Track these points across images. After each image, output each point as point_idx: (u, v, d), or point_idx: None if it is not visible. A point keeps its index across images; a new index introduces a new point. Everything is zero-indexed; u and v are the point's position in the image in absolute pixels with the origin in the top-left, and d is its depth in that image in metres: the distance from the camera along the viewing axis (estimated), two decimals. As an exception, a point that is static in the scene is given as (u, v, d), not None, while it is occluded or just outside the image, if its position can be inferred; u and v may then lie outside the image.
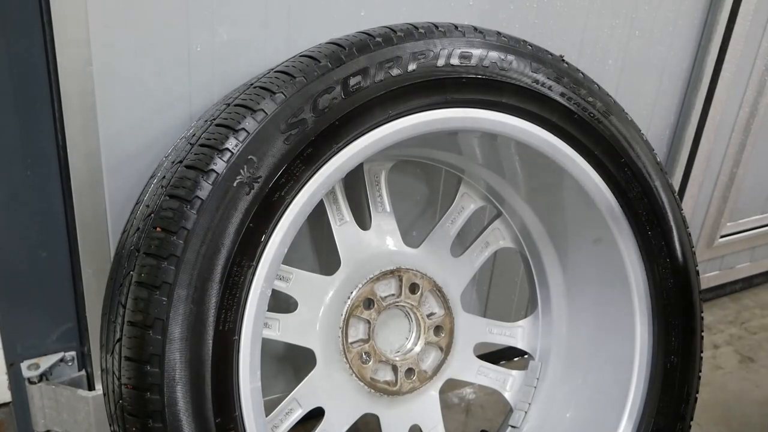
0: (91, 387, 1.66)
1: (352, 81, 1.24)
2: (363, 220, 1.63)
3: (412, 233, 1.87)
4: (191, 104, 1.48)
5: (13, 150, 1.44)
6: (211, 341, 1.12)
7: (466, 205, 1.75)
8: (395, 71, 1.27)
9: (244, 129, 1.16)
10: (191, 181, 1.13)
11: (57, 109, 1.40)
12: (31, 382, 1.59)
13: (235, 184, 1.14)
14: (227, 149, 1.14)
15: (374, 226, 1.63)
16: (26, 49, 1.37)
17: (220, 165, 1.13)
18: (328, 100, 1.21)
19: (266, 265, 1.19)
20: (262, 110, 1.18)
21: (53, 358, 1.62)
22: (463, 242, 1.79)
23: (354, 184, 1.63)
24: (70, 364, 1.64)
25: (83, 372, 1.66)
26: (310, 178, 1.22)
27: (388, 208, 1.64)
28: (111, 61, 1.38)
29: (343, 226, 1.57)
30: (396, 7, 1.58)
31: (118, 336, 1.14)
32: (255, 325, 1.19)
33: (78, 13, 1.32)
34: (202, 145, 1.16)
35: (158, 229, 1.12)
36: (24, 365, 1.60)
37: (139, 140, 1.46)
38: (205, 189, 1.12)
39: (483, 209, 1.79)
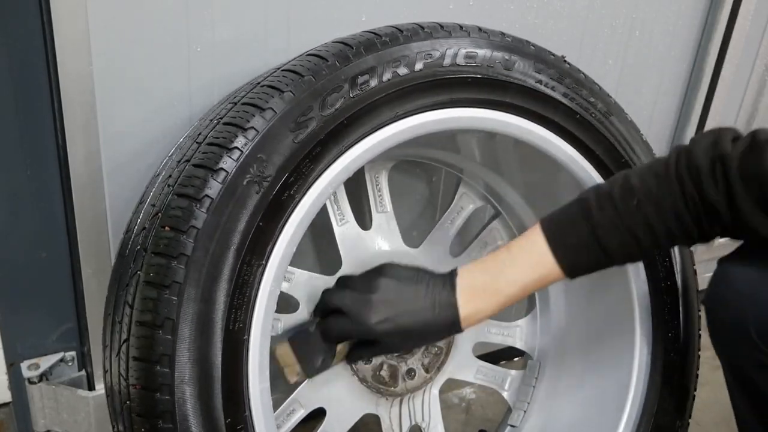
0: (91, 387, 1.65)
1: (360, 80, 1.23)
2: (363, 220, 1.63)
3: (412, 233, 1.87)
4: (191, 104, 1.48)
5: (13, 150, 1.43)
6: (220, 341, 1.11)
7: (465, 205, 1.75)
8: (402, 70, 1.27)
9: (253, 127, 1.15)
10: (200, 179, 1.12)
11: (57, 109, 1.39)
12: (31, 382, 1.58)
13: (244, 183, 1.13)
14: (236, 148, 1.14)
15: (375, 225, 1.63)
16: (26, 49, 1.36)
17: (229, 163, 1.13)
18: (336, 98, 1.21)
19: (275, 264, 1.18)
20: (271, 109, 1.17)
21: (53, 358, 1.61)
22: (462, 242, 1.79)
23: (355, 184, 1.63)
24: (70, 364, 1.64)
25: (83, 372, 1.65)
26: (318, 177, 1.21)
27: (388, 208, 1.64)
28: (111, 61, 1.37)
29: (343, 226, 1.57)
30: (396, 8, 1.58)
31: (124, 336, 1.13)
32: (264, 325, 1.18)
33: (78, 13, 1.31)
34: (210, 144, 1.16)
35: (167, 228, 1.11)
36: (24, 365, 1.59)
37: (140, 140, 1.46)
38: (214, 188, 1.12)
39: (482, 209, 1.79)
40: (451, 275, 1.35)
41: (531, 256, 1.30)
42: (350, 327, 1.36)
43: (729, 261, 1.38)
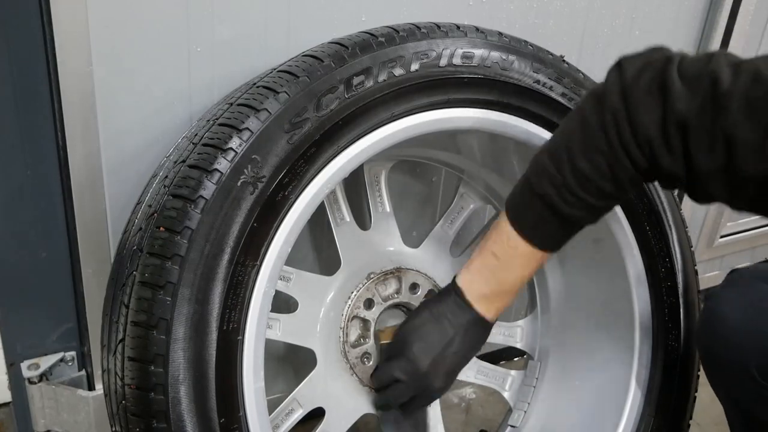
0: (91, 387, 1.65)
1: (356, 80, 1.24)
2: (363, 220, 1.63)
3: (412, 233, 1.87)
4: (191, 104, 1.48)
5: (13, 150, 1.43)
6: (215, 341, 1.12)
7: (466, 205, 1.75)
8: (398, 71, 1.28)
9: (247, 128, 1.16)
10: (195, 180, 1.13)
11: (57, 109, 1.39)
12: (31, 382, 1.58)
13: (239, 184, 1.13)
14: (231, 149, 1.14)
15: (374, 226, 1.63)
16: (26, 49, 1.36)
17: (224, 164, 1.13)
18: (331, 99, 1.21)
19: (270, 264, 1.19)
20: (266, 110, 1.18)
21: (53, 358, 1.61)
22: (462, 242, 1.78)
23: (354, 184, 1.63)
24: (70, 364, 1.64)
25: (83, 372, 1.65)
26: (313, 177, 1.22)
27: (388, 208, 1.64)
28: (111, 61, 1.38)
29: (343, 226, 1.57)
30: (396, 8, 1.58)
31: (120, 336, 1.13)
32: (259, 325, 1.18)
33: (78, 13, 1.32)
34: (205, 145, 1.16)
35: (162, 228, 1.11)
36: (24, 365, 1.59)
37: (140, 140, 1.47)
38: (209, 189, 1.12)
39: (482, 209, 1.79)
40: (459, 294, 1.36)
41: (520, 258, 1.32)
42: (412, 392, 1.42)
43: (718, 296, 1.36)
